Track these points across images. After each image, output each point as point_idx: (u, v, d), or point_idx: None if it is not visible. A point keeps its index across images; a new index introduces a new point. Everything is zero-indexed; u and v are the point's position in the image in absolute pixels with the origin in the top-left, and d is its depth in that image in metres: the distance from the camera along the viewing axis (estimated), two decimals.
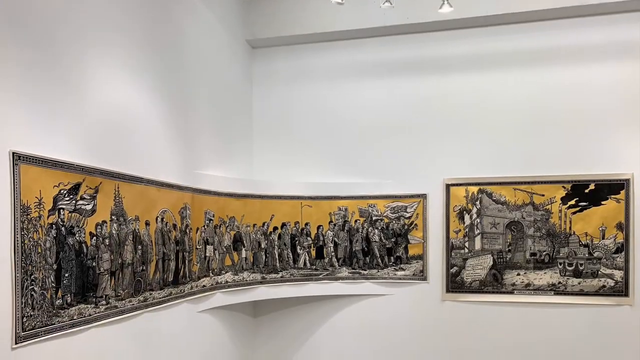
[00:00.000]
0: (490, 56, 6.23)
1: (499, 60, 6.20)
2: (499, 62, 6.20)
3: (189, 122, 5.26)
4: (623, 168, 5.93)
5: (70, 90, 3.54)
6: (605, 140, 5.96)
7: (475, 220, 6.21)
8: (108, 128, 3.94)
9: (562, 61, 6.05)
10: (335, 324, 6.59)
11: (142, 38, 4.47)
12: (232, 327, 6.17)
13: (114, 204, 3.98)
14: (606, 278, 5.97)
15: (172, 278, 4.82)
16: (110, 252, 3.94)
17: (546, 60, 6.08)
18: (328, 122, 6.69)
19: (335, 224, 6.50)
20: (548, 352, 6.07)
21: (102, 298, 3.85)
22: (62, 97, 3.46)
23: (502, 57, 6.19)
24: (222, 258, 5.76)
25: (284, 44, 6.79)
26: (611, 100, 5.93)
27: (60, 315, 3.40)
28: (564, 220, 6.07)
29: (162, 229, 4.65)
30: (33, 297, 3.16)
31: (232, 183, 5.95)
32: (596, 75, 5.97)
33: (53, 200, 3.34)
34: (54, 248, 3.35)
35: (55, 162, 3.34)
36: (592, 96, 5.97)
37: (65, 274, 3.46)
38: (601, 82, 5.95)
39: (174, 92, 4.96)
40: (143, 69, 4.45)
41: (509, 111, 6.15)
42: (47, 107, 3.33)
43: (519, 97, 6.14)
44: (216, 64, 5.95)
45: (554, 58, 6.06)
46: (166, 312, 4.74)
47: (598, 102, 5.96)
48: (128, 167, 4.16)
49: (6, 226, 2.97)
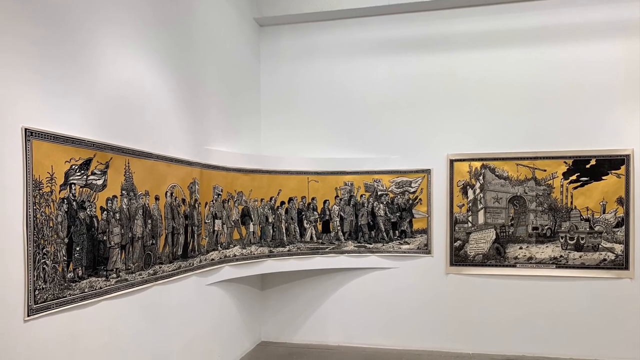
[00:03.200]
0: (493, 34, 6.28)
1: (502, 37, 6.25)
2: (502, 39, 6.25)
3: (198, 99, 5.37)
4: (623, 144, 5.99)
5: (81, 68, 3.65)
6: (605, 116, 6.01)
7: (479, 195, 6.31)
8: (119, 105, 4.05)
9: (564, 39, 6.09)
10: (342, 297, 6.76)
11: (152, 16, 4.56)
12: (240, 299, 6.36)
13: (124, 179, 4.11)
14: (607, 252, 6.07)
15: (181, 252, 4.98)
16: (121, 227, 4.08)
17: (548, 38, 6.12)
18: (334, 99, 6.78)
19: (341, 199, 6.63)
20: (549, 324, 6.21)
21: (113, 271, 4.00)
22: (73, 74, 3.57)
23: (505, 34, 6.23)
24: (230, 232, 5.92)
25: (291, 22, 6.86)
26: (612, 77, 5.98)
27: (71, 288, 3.53)
28: (565, 195, 6.16)
29: (172, 203, 4.80)
30: (45, 271, 3.29)
31: (240, 158, 6.07)
32: (597, 52, 6.01)
33: (65, 176, 3.46)
34: (65, 222, 3.48)
35: (67, 138, 3.46)
36: (593, 73, 6.02)
37: (77, 247, 3.60)
38: (602, 59, 6.00)
39: (183, 70, 5.07)
40: (153, 47, 4.55)
41: (512, 88, 6.21)
42: (59, 84, 3.44)
43: (521, 74, 6.19)
44: (224, 41, 6.04)
45: (555, 35, 6.10)
46: (175, 285, 4.91)
47: (599, 79, 6.01)
48: (138, 143, 4.28)
49: (19, 201, 3.09)
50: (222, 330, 5.92)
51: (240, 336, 6.39)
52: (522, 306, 6.29)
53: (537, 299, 6.25)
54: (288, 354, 6.47)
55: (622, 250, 6.03)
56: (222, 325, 5.94)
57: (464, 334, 6.45)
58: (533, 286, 6.26)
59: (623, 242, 6.03)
